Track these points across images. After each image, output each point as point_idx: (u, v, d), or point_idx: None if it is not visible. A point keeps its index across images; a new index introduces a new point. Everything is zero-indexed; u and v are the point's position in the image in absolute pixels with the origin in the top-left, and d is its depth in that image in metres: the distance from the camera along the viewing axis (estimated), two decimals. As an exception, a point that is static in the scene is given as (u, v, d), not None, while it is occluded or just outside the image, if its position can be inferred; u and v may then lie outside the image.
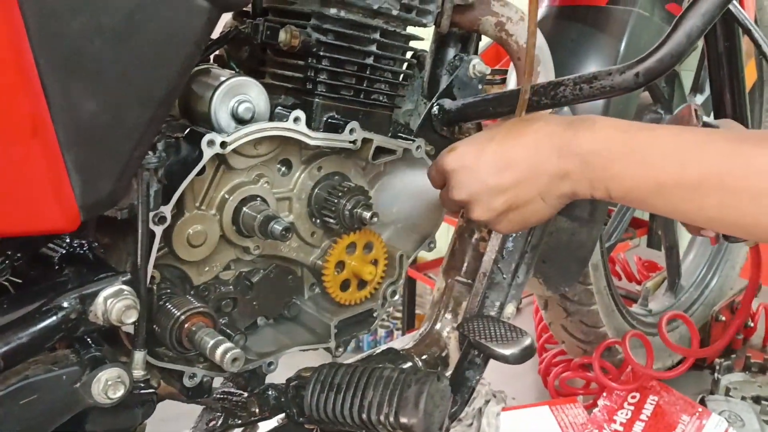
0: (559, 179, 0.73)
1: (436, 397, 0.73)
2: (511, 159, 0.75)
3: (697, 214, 0.67)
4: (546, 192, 0.74)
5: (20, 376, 0.59)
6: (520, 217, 0.77)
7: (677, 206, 0.68)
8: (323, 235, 0.90)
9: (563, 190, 0.74)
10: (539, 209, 0.76)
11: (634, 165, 0.69)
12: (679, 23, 0.75)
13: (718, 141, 0.66)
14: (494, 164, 0.76)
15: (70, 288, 0.62)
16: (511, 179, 0.75)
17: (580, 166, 0.72)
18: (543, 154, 0.73)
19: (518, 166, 0.75)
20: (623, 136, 0.71)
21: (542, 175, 0.74)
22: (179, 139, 0.72)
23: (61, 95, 0.54)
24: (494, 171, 0.76)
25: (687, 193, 0.66)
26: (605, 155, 0.70)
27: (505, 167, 0.75)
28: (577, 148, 0.72)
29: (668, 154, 0.68)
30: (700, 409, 1.31)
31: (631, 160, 0.69)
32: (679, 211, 0.68)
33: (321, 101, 0.82)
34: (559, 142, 0.73)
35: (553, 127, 0.74)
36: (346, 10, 0.79)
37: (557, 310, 1.37)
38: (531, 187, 0.75)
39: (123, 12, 0.55)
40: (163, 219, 0.69)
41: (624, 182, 0.70)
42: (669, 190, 0.67)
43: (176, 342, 0.71)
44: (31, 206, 0.56)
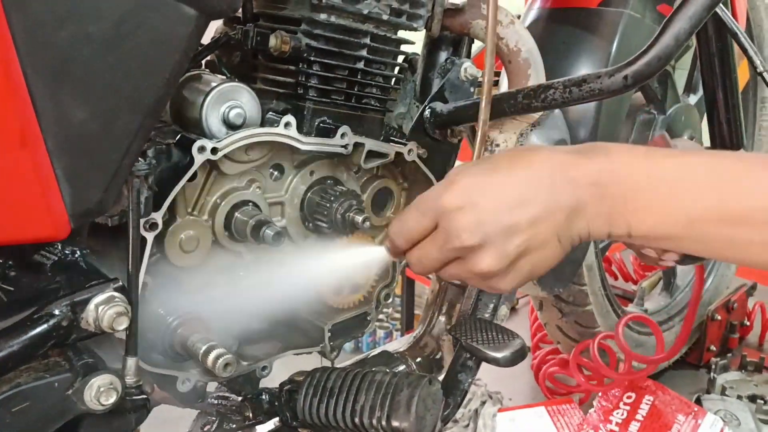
0: (576, 215, 0.62)
1: (427, 400, 0.73)
2: (525, 193, 0.63)
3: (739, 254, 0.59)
4: (563, 231, 0.63)
5: (12, 384, 0.59)
6: (531, 263, 0.64)
7: (713, 245, 0.59)
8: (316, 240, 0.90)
9: (579, 227, 0.63)
10: (552, 252, 0.64)
11: (662, 197, 0.59)
12: (667, 26, 0.76)
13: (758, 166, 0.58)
14: (506, 200, 0.63)
15: (61, 295, 0.62)
16: (528, 217, 0.62)
17: (597, 198, 0.61)
18: (558, 188, 0.62)
19: (534, 201, 0.62)
20: (646, 163, 0.61)
21: (560, 211, 0.62)
22: (170, 145, 0.72)
23: (50, 104, 0.55)
24: (507, 208, 0.63)
25: (727, 231, 0.57)
26: (627, 185, 0.61)
27: (520, 203, 0.63)
28: (594, 179, 0.62)
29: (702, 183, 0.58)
30: (695, 409, 1.31)
31: (658, 191, 0.60)
32: (716, 251, 0.60)
33: (312, 106, 0.82)
34: (573, 173, 0.62)
35: (562, 156, 0.64)
36: (337, 15, 0.80)
37: (552, 310, 1.38)
38: (549, 226, 0.62)
39: (110, 21, 0.55)
40: (155, 225, 0.69)
41: (649, 217, 0.60)
42: (705, 227, 0.58)
43: (169, 348, 0.71)
44: (22, 215, 0.56)
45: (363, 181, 0.94)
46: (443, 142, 0.98)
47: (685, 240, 0.60)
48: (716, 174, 0.59)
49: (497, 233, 0.62)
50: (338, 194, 0.85)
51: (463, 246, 0.63)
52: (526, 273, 0.65)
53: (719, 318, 1.65)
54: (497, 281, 0.65)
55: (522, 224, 0.62)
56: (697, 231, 0.59)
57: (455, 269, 0.66)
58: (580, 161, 0.63)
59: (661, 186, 0.60)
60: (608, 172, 0.61)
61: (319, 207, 0.86)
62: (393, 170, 0.96)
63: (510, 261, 0.63)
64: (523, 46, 0.93)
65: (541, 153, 0.65)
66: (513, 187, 0.64)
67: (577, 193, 0.62)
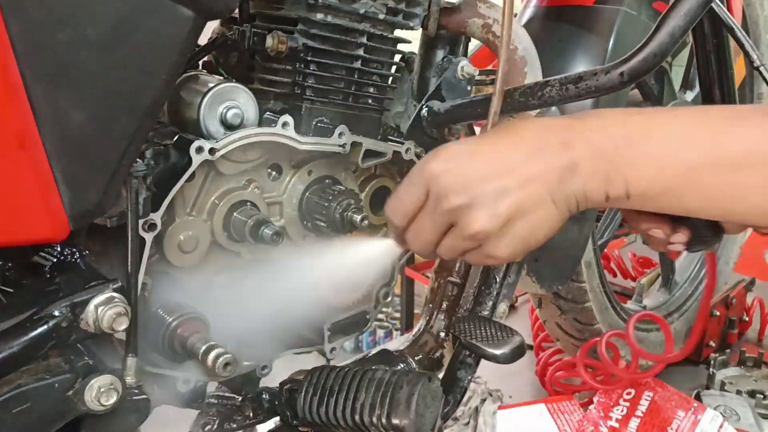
0: (570, 174, 0.61)
1: (427, 397, 0.73)
2: (513, 157, 0.62)
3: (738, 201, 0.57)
4: (556, 191, 0.61)
5: (13, 385, 0.59)
6: (527, 227, 0.62)
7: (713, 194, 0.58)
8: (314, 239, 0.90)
9: (574, 188, 0.61)
10: (548, 215, 0.62)
11: (658, 148, 0.58)
12: (663, 23, 0.76)
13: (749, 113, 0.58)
14: (494, 163, 0.62)
15: (61, 296, 0.62)
16: (519, 177, 0.61)
17: (592, 154, 0.60)
18: (550, 149, 0.61)
19: (524, 163, 0.62)
20: (638, 119, 0.61)
21: (551, 171, 0.61)
22: (168, 146, 0.72)
23: (48, 106, 0.55)
24: (496, 171, 0.62)
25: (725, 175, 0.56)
26: (621, 140, 0.59)
27: (511, 164, 0.62)
28: (587, 137, 0.61)
29: (696, 131, 0.58)
30: (695, 404, 1.32)
31: (653, 142, 0.59)
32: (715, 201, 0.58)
33: (309, 106, 0.82)
34: (564, 134, 0.62)
35: (555, 122, 0.64)
36: (333, 15, 0.80)
37: (551, 308, 1.38)
38: (540, 186, 0.61)
39: (108, 23, 0.56)
40: (153, 226, 0.69)
41: (646, 169, 0.59)
42: (703, 174, 0.57)
43: (169, 348, 0.72)
44: (21, 216, 0.56)
45: (361, 181, 0.94)
46: (441, 141, 0.98)
47: (684, 191, 0.58)
48: (709, 121, 0.58)
49: (486, 192, 0.61)
50: (336, 193, 0.85)
51: (452, 207, 0.62)
52: (524, 236, 0.63)
53: (718, 314, 1.65)
54: (493, 246, 0.63)
55: (512, 186, 0.61)
56: (695, 180, 0.58)
57: (451, 239, 0.65)
58: (571, 123, 0.63)
59: (655, 136, 0.59)
60: (601, 129, 0.61)
61: (318, 206, 0.86)
62: (391, 169, 0.96)
63: (502, 221, 0.61)
64: (519, 44, 0.93)
65: (531, 121, 0.66)
66: (501, 152, 0.63)
67: (570, 153, 0.61)
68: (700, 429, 1.27)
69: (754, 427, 1.33)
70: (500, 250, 0.63)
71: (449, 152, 0.65)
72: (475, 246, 0.64)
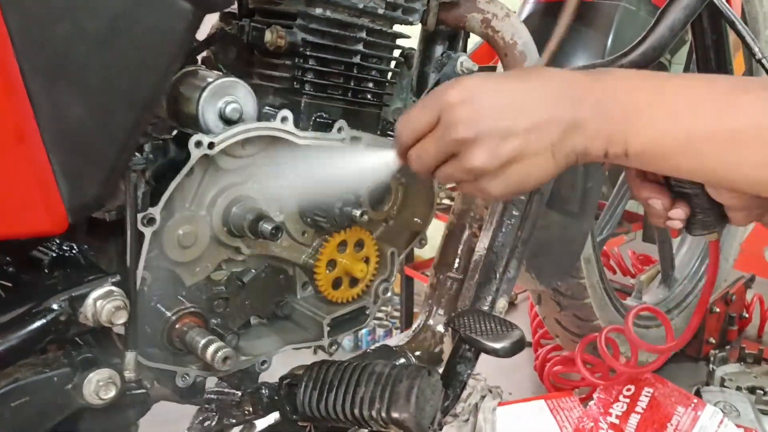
0: (573, 131, 0.64)
1: (427, 391, 0.73)
2: (530, 102, 0.65)
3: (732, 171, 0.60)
4: (558, 144, 0.64)
5: (11, 379, 0.59)
6: (522, 171, 0.66)
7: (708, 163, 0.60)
8: (314, 234, 0.90)
9: (575, 144, 0.64)
10: (544, 165, 0.66)
11: (661, 114, 0.61)
12: (662, 17, 0.76)
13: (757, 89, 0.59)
14: (510, 104, 0.65)
15: (59, 290, 0.62)
16: (527, 123, 0.64)
17: (597, 115, 0.63)
18: (561, 102, 0.64)
19: (536, 110, 0.64)
20: (649, 83, 0.63)
21: (557, 124, 0.64)
22: (167, 140, 0.72)
23: (46, 100, 0.55)
24: (508, 110, 0.65)
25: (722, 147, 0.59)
26: (627, 104, 0.62)
27: (522, 109, 0.65)
28: (597, 97, 0.63)
29: (701, 102, 0.60)
30: (695, 401, 1.32)
31: (658, 109, 0.61)
32: (710, 170, 0.61)
33: (308, 101, 0.82)
34: (578, 91, 0.64)
35: (570, 75, 0.67)
36: (332, 10, 0.80)
37: (550, 304, 1.38)
38: (544, 136, 0.64)
39: (105, 16, 0.56)
40: (152, 220, 0.69)
41: (647, 134, 0.61)
42: (700, 143, 0.59)
43: (168, 342, 0.72)
44: (19, 210, 0.56)
45: (360, 176, 0.94)
46: (440, 136, 0.98)
47: (681, 157, 0.61)
48: (715, 92, 0.60)
49: (492, 132, 0.64)
50: (336, 189, 0.85)
51: (458, 138, 0.65)
52: (517, 180, 0.66)
53: (718, 310, 1.66)
54: (487, 182, 0.67)
55: (518, 129, 0.64)
56: (692, 147, 0.60)
57: (450, 168, 0.68)
58: (586, 80, 0.65)
59: (661, 103, 0.61)
60: (612, 90, 0.63)
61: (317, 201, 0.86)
62: (390, 165, 0.96)
63: (501, 162, 0.65)
64: (519, 39, 0.93)
65: (552, 70, 0.68)
66: (517, 94, 0.65)
67: (579, 109, 0.63)
68: (700, 425, 1.27)
69: (754, 423, 1.34)
70: (492, 188, 0.67)
71: (469, 84, 0.67)
72: (471, 179, 0.68)
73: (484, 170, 0.65)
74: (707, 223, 0.70)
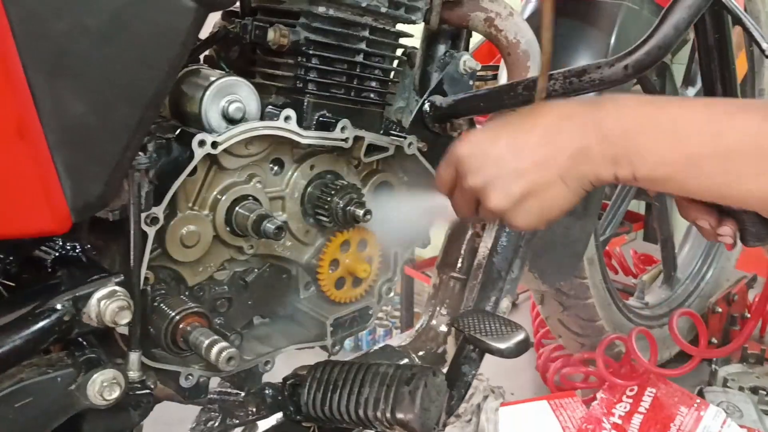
0: (580, 159, 0.67)
1: (432, 392, 0.73)
2: (529, 142, 0.69)
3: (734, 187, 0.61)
4: (566, 173, 0.67)
5: (15, 379, 0.59)
6: (539, 205, 0.69)
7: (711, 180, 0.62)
8: (317, 234, 0.90)
9: (584, 170, 0.67)
10: (560, 195, 0.69)
11: (663, 137, 0.63)
12: (667, 15, 0.75)
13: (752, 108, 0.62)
14: (511, 148, 0.69)
15: (63, 290, 0.61)
16: (530, 161, 0.68)
17: (600, 140, 0.65)
18: (563, 135, 0.67)
19: (537, 148, 0.68)
20: (649, 108, 0.65)
21: (562, 154, 0.67)
22: (170, 139, 0.72)
23: (49, 97, 0.54)
24: (511, 154, 0.69)
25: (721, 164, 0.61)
26: (628, 129, 0.64)
27: (522, 150, 0.69)
28: (600, 124, 0.65)
29: (700, 124, 0.62)
30: (698, 401, 1.32)
31: (659, 132, 0.63)
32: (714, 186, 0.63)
33: (311, 100, 0.82)
34: (580, 120, 0.67)
35: (572, 108, 0.69)
36: (335, 8, 0.80)
37: (553, 304, 1.38)
38: (550, 169, 0.67)
39: (108, 13, 0.55)
40: (156, 220, 0.69)
41: (651, 156, 0.63)
42: (701, 162, 0.61)
43: (171, 342, 0.71)
44: (22, 209, 0.56)
45: (363, 175, 0.93)
46: (443, 136, 0.97)
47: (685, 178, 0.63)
48: (712, 113, 0.63)
49: (500, 175, 0.70)
50: (339, 188, 0.85)
51: (471, 187, 0.72)
52: (537, 212, 0.70)
53: (720, 310, 1.65)
54: (511, 218, 0.71)
55: (524, 167, 0.68)
56: (695, 168, 0.62)
57: (480, 210, 0.74)
58: (587, 109, 0.67)
59: (661, 127, 0.63)
60: (614, 117, 0.65)
61: (320, 201, 0.85)
62: (393, 164, 0.96)
63: (515, 200, 0.69)
64: (522, 38, 0.93)
65: (552, 105, 0.71)
66: (519, 136, 0.70)
67: (581, 137, 0.66)
68: (703, 425, 1.27)
69: (757, 423, 1.33)
70: (518, 222, 0.72)
71: (473, 137, 0.74)
72: (497, 217, 0.73)
73: (503, 210, 0.70)
74: (760, 234, 0.71)
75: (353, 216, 0.84)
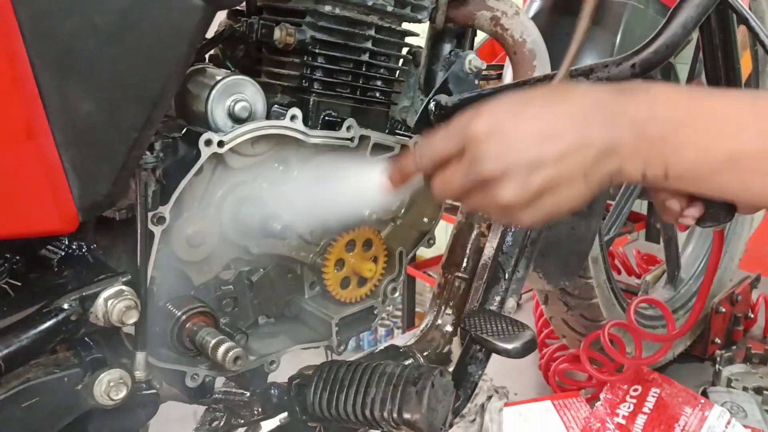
0: (607, 155, 0.60)
1: (438, 392, 0.73)
2: (556, 127, 0.61)
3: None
4: (591, 170, 0.61)
5: (22, 379, 0.59)
6: (554, 200, 0.62)
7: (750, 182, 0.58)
8: (322, 233, 0.90)
9: (610, 168, 0.61)
10: (578, 192, 0.62)
11: (702, 134, 0.58)
12: (675, 14, 0.75)
13: None
14: (536, 132, 0.61)
15: (70, 289, 0.61)
16: (555, 152, 0.60)
17: (635, 137, 0.59)
18: (592, 125, 0.60)
19: (564, 136, 0.60)
20: (687, 101, 0.60)
21: (590, 148, 0.60)
22: (176, 139, 0.72)
23: (57, 96, 0.54)
24: (536, 140, 0.61)
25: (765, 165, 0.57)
26: (666, 122, 0.59)
27: (550, 137, 0.60)
28: (632, 116, 0.60)
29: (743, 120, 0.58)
30: (702, 401, 1.31)
31: (699, 128, 0.58)
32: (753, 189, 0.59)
33: (317, 99, 0.82)
34: (611, 110, 0.60)
35: (601, 94, 0.62)
36: (341, 7, 0.79)
37: (558, 304, 1.37)
38: (576, 163, 0.60)
39: (116, 12, 0.55)
40: (162, 219, 0.69)
41: (688, 155, 0.58)
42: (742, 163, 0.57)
43: (177, 342, 0.71)
44: (30, 208, 0.56)
45: (368, 174, 0.93)
46: (448, 135, 0.97)
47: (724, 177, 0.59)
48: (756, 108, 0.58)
49: (521, 165, 0.60)
50: (344, 187, 0.85)
51: (485, 174, 0.62)
52: (548, 209, 0.63)
53: (723, 310, 1.65)
54: (517, 214, 0.64)
55: (548, 158, 0.60)
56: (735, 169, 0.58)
57: (478, 199, 0.65)
58: (618, 99, 0.61)
59: (702, 121, 0.58)
60: (648, 110, 0.59)
61: (326, 200, 0.85)
62: (398, 163, 0.96)
63: (532, 195, 0.61)
64: (528, 36, 0.93)
65: (579, 89, 0.64)
66: (544, 120, 0.61)
67: (613, 131, 0.60)
68: (707, 426, 1.26)
69: (761, 423, 1.33)
70: (523, 218, 0.64)
71: (495, 114, 0.63)
72: (500, 211, 0.65)
73: (514, 205, 0.62)
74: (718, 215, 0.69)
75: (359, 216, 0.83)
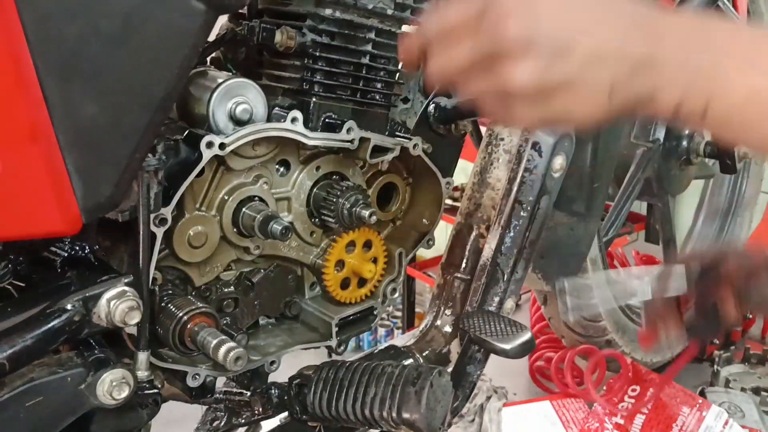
0: (644, 71, 0.51)
1: (437, 392, 0.73)
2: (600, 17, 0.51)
3: None
4: (620, 84, 0.51)
5: (25, 379, 0.59)
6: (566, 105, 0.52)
7: None
8: (322, 235, 0.91)
9: (641, 88, 0.51)
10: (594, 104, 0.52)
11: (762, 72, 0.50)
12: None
13: None
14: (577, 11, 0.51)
15: (73, 290, 0.62)
16: (589, 46, 0.50)
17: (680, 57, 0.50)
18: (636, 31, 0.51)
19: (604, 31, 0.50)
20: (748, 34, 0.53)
21: (626, 57, 0.50)
22: (178, 141, 0.72)
23: (61, 99, 0.55)
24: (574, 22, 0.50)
25: None
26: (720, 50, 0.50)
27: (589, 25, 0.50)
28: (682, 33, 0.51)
29: None
30: (700, 401, 1.32)
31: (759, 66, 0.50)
32: None
33: (318, 101, 0.82)
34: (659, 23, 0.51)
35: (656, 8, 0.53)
36: (341, 11, 0.80)
37: (557, 305, 1.38)
38: (606, 69, 0.50)
39: (120, 15, 0.56)
40: (164, 221, 0.69)
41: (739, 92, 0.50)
42: None
43: (179, 342, 0.72)
44: (33, 210, 0.56)
45: (368, 176, 0.94)
46: (447, 137, 0.98)
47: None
48: None
49: (550, 44, 0.49)
50: (344, 189, 0.85)
51: (505, 44, 0.50)
52: (554, 115, 0.53)
53: (722, 311, 1.65)
54: (520, 107, 0.52)
55: (578, 49, 0.50)
56: None
57: (479, 79, 0.53)
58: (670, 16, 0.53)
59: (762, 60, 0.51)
60: (702, 31, 0.51)
61: (326, 202, 0.86)
62: (398, 165, 0.96)
63: (546, 87, 0.51)
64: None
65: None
66: (588, 3, 0.52)
67: (657, 45, 0.51)
68: (705, 425, 1.27)
69: (759, 423, 1.33)
70: (524, 115, 0.53)
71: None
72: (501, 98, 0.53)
73: (522, 92, 0.51)
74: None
75: (359, 217, 0.84)
